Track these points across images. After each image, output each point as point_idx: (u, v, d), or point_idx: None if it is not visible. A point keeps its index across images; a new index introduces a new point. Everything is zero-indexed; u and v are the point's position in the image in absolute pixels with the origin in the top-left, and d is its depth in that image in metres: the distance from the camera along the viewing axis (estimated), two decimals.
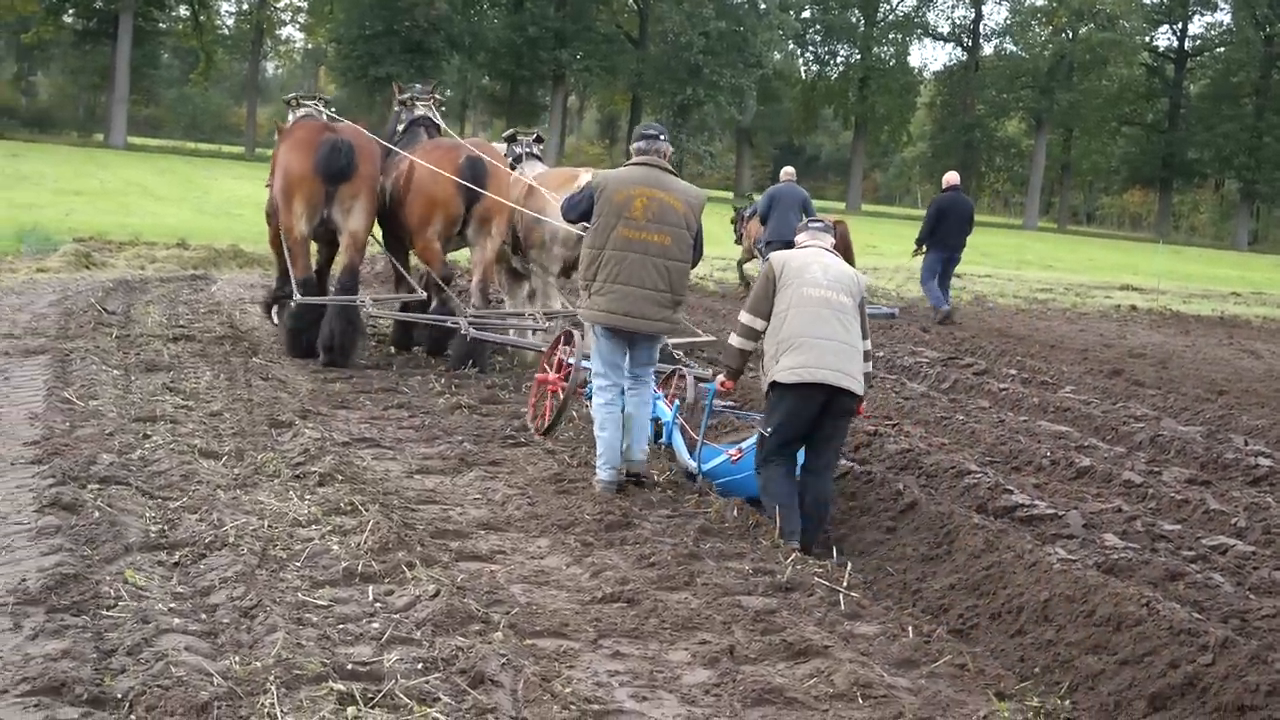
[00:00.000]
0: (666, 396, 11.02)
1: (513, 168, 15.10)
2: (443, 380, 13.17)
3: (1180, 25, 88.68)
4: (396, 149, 14.65)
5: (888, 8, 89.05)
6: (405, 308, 14.77)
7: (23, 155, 48.22)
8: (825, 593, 7.44)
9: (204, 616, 6.35)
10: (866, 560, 8.40)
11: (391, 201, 14.35)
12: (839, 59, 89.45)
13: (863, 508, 9.38)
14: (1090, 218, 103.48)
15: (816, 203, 23.06)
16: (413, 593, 6.81)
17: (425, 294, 14.45)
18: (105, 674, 5.50)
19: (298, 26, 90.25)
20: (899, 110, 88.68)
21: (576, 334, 10.92)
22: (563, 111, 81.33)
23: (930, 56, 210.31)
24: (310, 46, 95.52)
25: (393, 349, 15.19)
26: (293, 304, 13.96)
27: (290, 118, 15.49)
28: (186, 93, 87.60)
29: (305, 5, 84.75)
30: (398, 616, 6.51)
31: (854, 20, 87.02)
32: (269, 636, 6.01)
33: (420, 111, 15.48)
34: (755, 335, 9.12)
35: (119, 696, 5.28)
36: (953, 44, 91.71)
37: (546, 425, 10.99)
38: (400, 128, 15.43)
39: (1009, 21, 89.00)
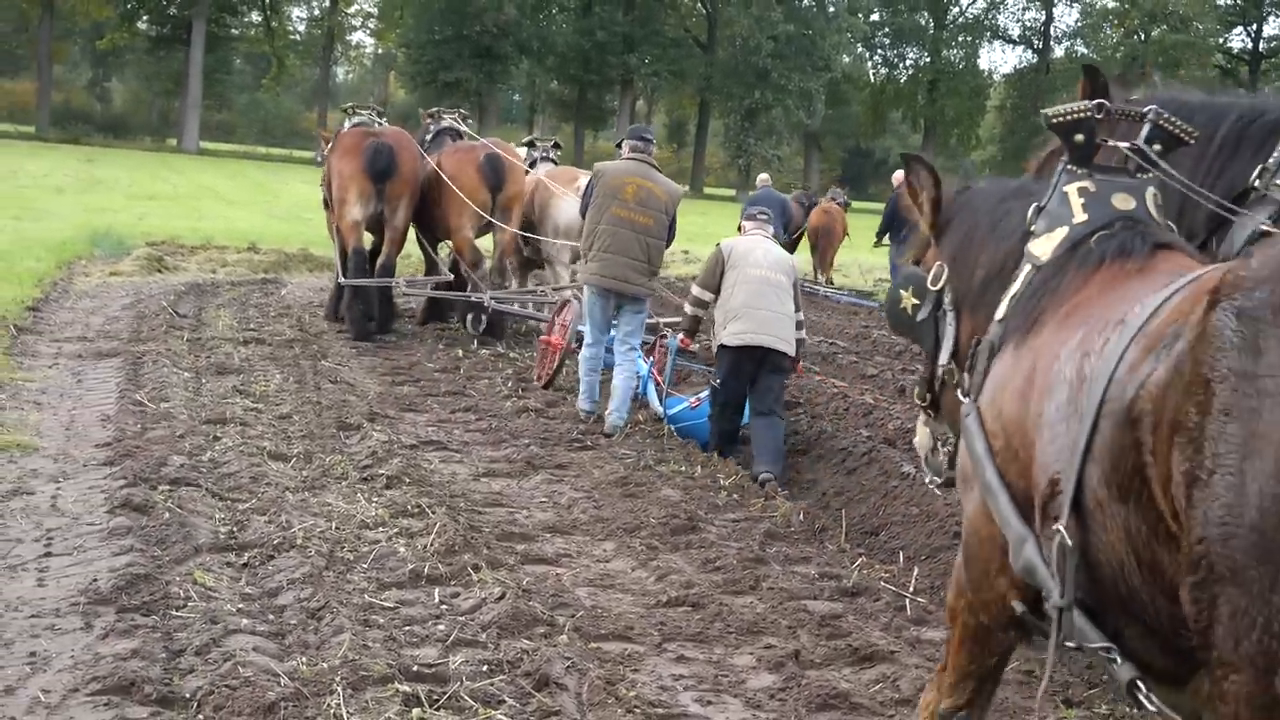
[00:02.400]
0: (644, 356, 12.75)
1: (530, 169, 17.20)
2: (510, 384, 13.21)
3: (1255, 27, 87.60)
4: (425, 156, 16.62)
5: (957, 10, 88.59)
6: (436, 287, 17.05)
7: (97, 160, 48.78)
8: (891, 597, 7.40)
9: (271, 617, 6.39)
10: (933, 565, 8.34)
11: (425, 197, 16.43)
12: (908, 62, 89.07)
13: (929, 513, 9.32)
14: None
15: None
16: (478, 595, 6.82)
17: (452, 275, 16.87)
18: (174, 674, 5.55)
19: (368, 32, 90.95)
20: (968, 113, 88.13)
21: (573, 303, 13.02)
22: (630, 116, 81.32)
23: (1000, 59, 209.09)
24: (380, 52, 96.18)
25: (420, 324, 17.28)
26: (339, 284, 16.32)
27: (346, 124, 17.21)
28: (258, 98, 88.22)
29: (375, 11, 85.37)
30: (463, 619, 6.52)
31: (923, 23, 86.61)
32: (335, 638, 6.04)
33: (447, 122, 17.71)
34: (704, 305, 11.41)
35: (187, 696, 5.33)
36: (1023, 46, 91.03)
37: (548, 379, 13.18)
38: (429, 136, 17.44)
39: (1080, 24, 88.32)
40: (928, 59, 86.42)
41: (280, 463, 9.36)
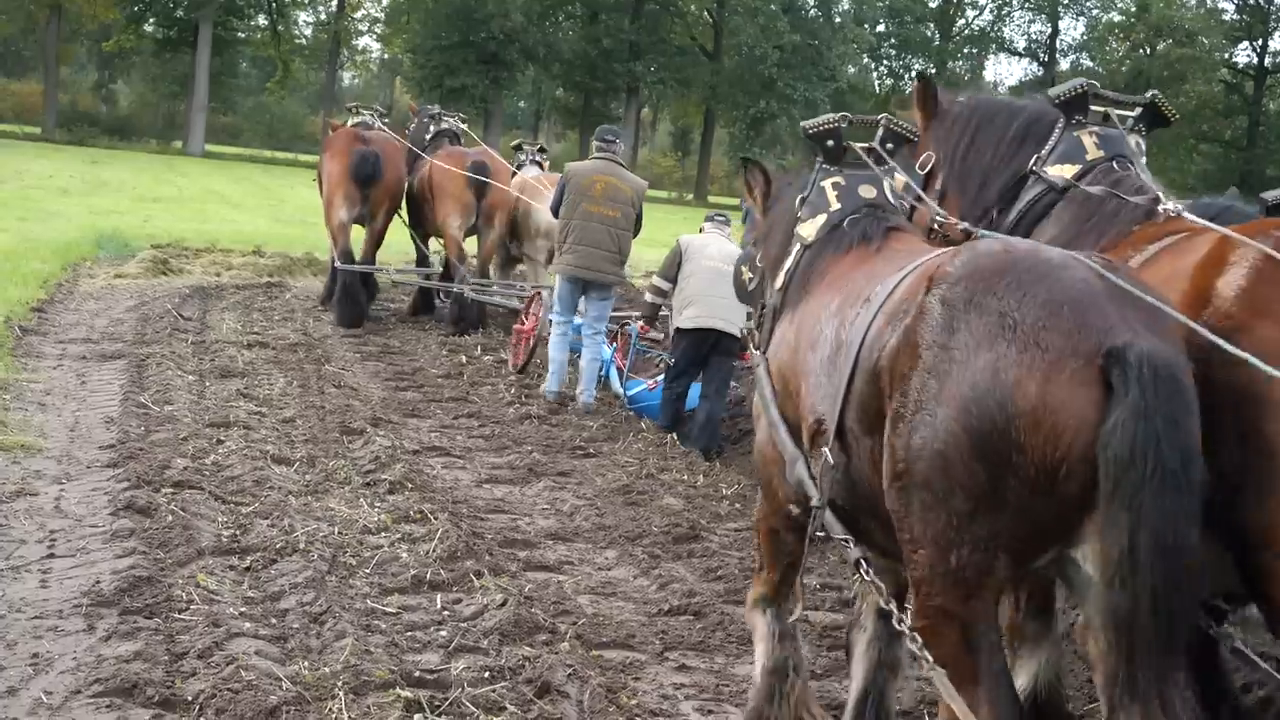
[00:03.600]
0: (608, 343, 13.88)
1: (515, 171, 18.24)
2: (513, 390, 13.22)
3: (1260, 42, 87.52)
4: (422, 154, 18.00)
5: (963, 22, 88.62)
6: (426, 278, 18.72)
7: (103, 162, 48.78)
8: None
9: (274, 621, 6.41)
10: None
11: (418, 195, 17.84)
12: (914, 73, 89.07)
13: None
14: None
15: None
16: (480, 601, 6.83)
17: (440, 269, 18.30)
18: (176, 676, 5.57)
19: (374, 37, 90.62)
20: None
21: (543, 295, 14.20)
22: (636, 124, 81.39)
23: (1005, 71, 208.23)
24: (386, 57, 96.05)
25: (410, 314, 18.54)
26: (333, 269, 17.54)
27: (349, 122, 18.45)
28: (264, 102, 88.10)
29: (382, 16, 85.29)
30: (465, 625, 6.54)
31: (929, 34, 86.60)
32: (338, 642, 6.06)
33: (447, 124, 18.74)
34: (662, 293, 12.32)
35: (189, 699, 5.35)
36: (1028, 59, 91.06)
37: (521, 364, 14.28)
38: (428, 136, 18.51)
39: (1086, 37, 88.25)
40: (933, 70, 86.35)
41: (283, 467, 9.38)
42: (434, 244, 19.08)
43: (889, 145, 5.64)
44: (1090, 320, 3.67)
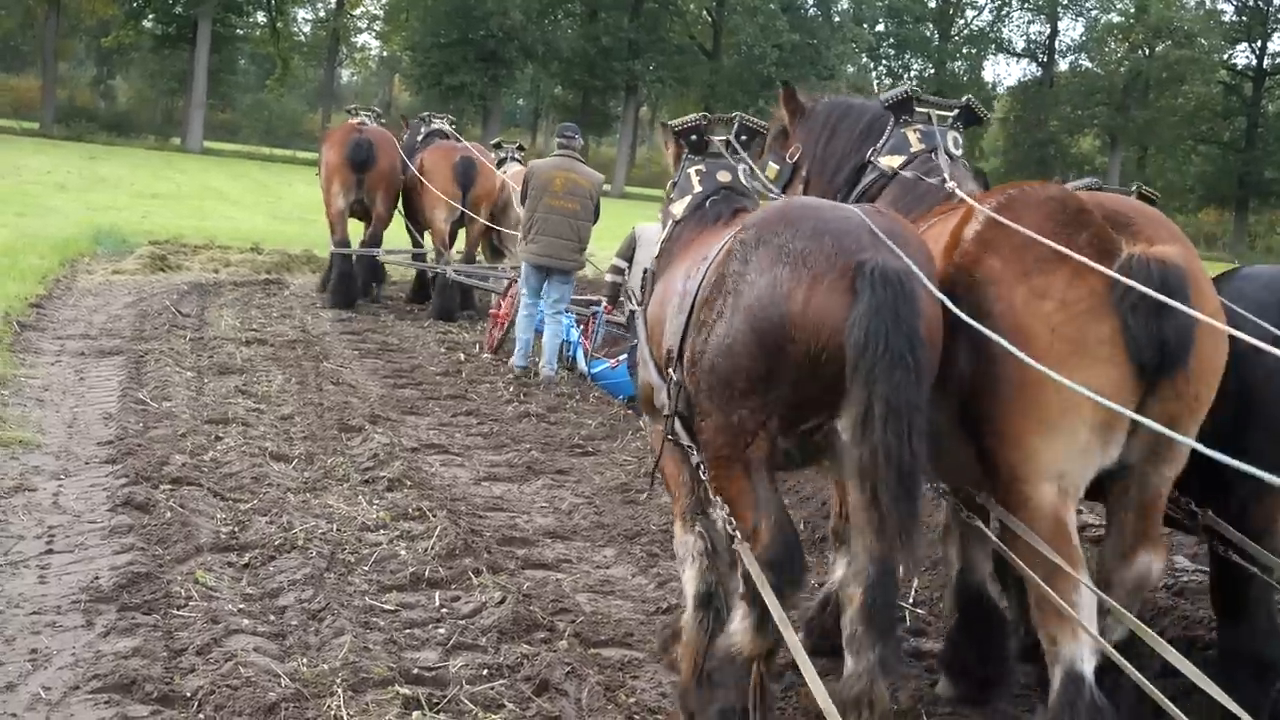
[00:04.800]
0: (576, 326, 14.91)
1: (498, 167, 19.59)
2: (511, 388, 13.22)
3: (1259, 43, 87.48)
4: (410, 158, 19.01)
5: (962, 22, 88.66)
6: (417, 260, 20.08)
7: (101, 158, 48.78)
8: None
9: (272, 618, 6.41)
10: (933, 576, 8.35)
11: (409, 189, 19.06)
12: (912, 73, 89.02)
13: (929, 524, 9.31)
14: None
15: None
16: (479, 599, 6.84)
17: (431, 255, 19.46)
18: (175, 673, 5.57)
19: (373, 34, 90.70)
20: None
21: (518, 283, 14.86)
22: (634, 122, 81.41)
23: (1004, 72, 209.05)
24: (385, 54, 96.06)
25: (409, 302, 19.69)
26: (330, 254, 18.76)
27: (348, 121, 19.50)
28: (263, 98, 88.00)
29: (381, 13, 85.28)
30: (464, 622, 6.54)
31: (928, 34, 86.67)
32: (336, 639, 6.06)
33: (436, 125, 19.91)
34: (620, 271, 13.20)
35: (188, 695, 5.35)
36: (1027, 60, 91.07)
37: (494, 346, 15.44)
38: (420, 137, 19.61)
39: (1085, 38, 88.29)
40: (932, 70, 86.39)
41: (282, 464, 9.38)
42: (429, 241, 19.72)
43: (743, 138, 6.63)
44: (844, 245, 4.83)
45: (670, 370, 5.55)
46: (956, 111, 6.72)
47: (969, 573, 6.16)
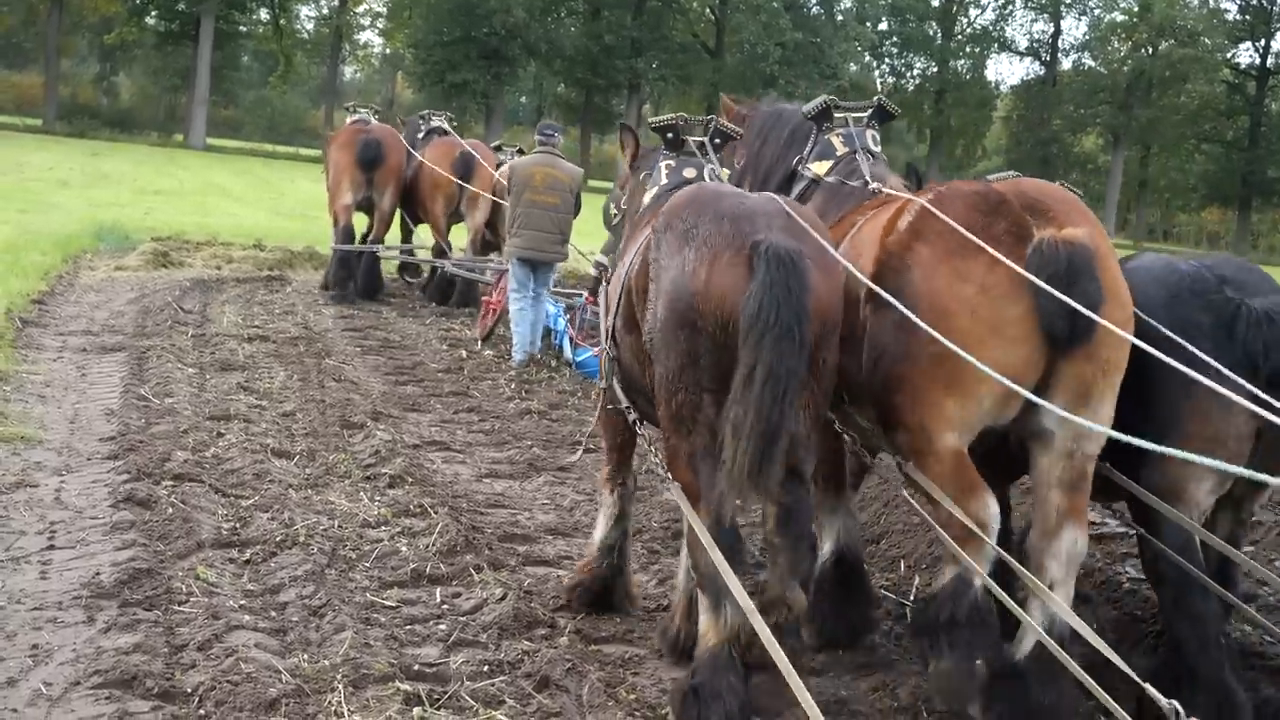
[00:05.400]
0: (563, 315, 15.45)
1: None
2: (513, 385, 13.23)
3: (1263, 42, 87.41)
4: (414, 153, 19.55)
5: (965, 21, 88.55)
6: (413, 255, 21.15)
7: (104, 154, 48.81)
8: (892, 605, 7.43)
9: (273, 614, 6.42)
10: (934, 573, 8.33)
11: (410, 185, 19.47)
12: (915, 71, 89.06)
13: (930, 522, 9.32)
14: (1167, 235, 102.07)
15: None
16: (480, 596, 6.84)
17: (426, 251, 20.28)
18: (175, 669, 5.58)
19: (376, 31, 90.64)
20: (974, 124, 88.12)
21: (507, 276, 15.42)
22: (637, 120, 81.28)
23: (1007, 71, 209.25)
24: (388, 52, 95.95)
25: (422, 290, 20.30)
26: (330, 248, 19.29)
27: (347, 120, 20.12)
28: (265, 95, 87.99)
29: (384, 11, 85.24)
30: (464, 619, 6.55)
31: (931, 33, 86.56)
32: (337, 635, 6.07)
33: (436, 123, 20.37)
34: (604, 266, 12.93)
35: (189, 691, 5.35)
36: (1030, 58, 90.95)
37: (485, 334, 15.87)
38: (420, 134, 20.11)
39: (1088, 37, 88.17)
40: (935, 69, 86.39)
41: (283, 460, 9.38)
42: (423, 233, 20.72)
43: (716, 140, 7.18)
44: (742, 227, 5.42)
45: (607, 345, 6.29)
46: (871, 112, 7.38)
47: (843, 536, 6.83)
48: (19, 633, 5.88)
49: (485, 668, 5.91)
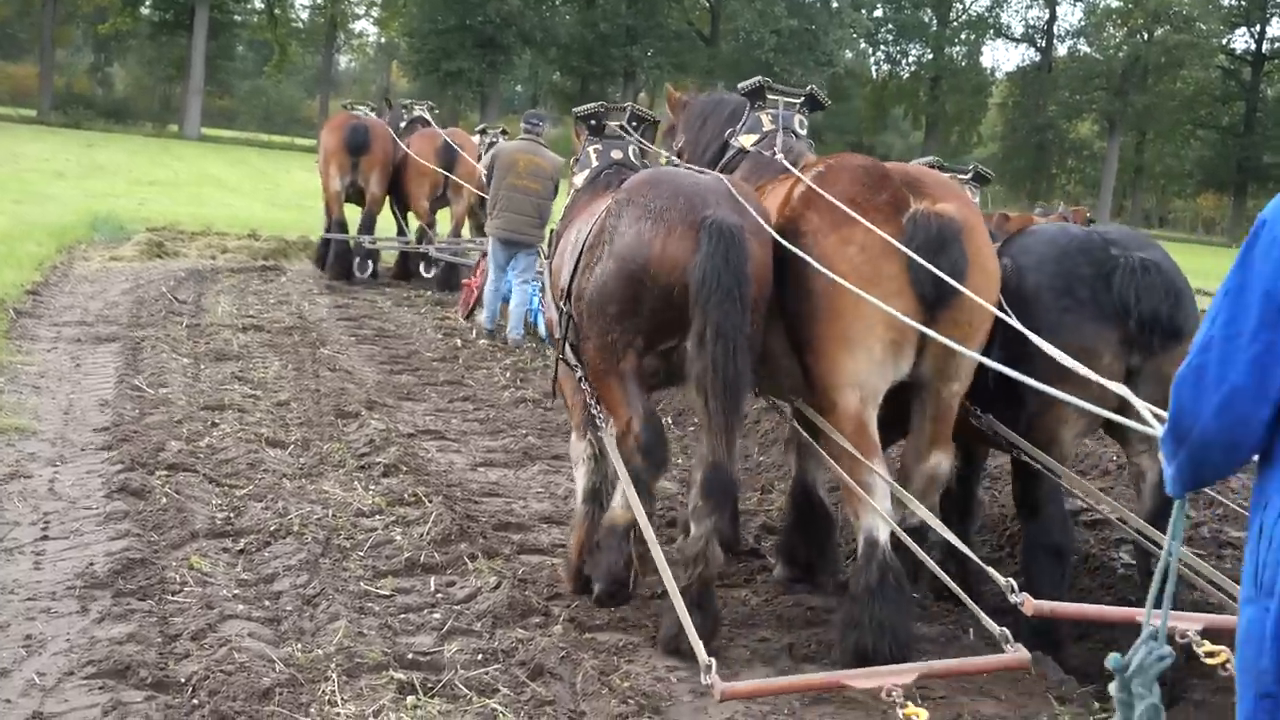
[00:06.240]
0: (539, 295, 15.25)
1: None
2: (508, 374, 13.23)
3: (1258, 28, 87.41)
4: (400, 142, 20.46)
5: (960, 8, 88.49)
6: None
7: (98, 145, 48.76)
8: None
9: (267, 603, 6.42)
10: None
11: (395, 173, 20.34)
12: (910, 58, 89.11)
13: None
14: (1163, 221, 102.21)
15: None
16: (474, 584, 6.85)
17: (412, 237, 20.82)
18: (169, 658, 5.58)
19: (371, 20, 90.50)
20: (970, 110, 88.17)
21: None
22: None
23: (1003, 57, 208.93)
24: (383, 41, 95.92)
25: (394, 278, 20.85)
26: (321, 238, 20.41)
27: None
28: (260, 85, 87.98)
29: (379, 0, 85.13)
30: (459, 608, 6.55)
31: (926, 20, 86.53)
32: (331, 625, 6.07)
33: (418, 113, 21.38)
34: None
35: (182, 681, 5.35)
36: (1026, 45, 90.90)
37: (467, 312, 16.70)
38: (403, 123, 21.14)
39: (1083, 23, 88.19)
40: (930, 56, 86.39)
41: (278, 450, 9.38)
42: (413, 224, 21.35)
43: (634, 123, 7.95)
44: (693, 203, 6.27)
45: (562, 304, 6.93)
46: (803, 99, 8.08)
47: (804, 476, 7.49)
48: (12, 623, 5.88)
49: (479, 656, 5.91)
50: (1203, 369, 3.17)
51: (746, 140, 7.90)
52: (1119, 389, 4.55)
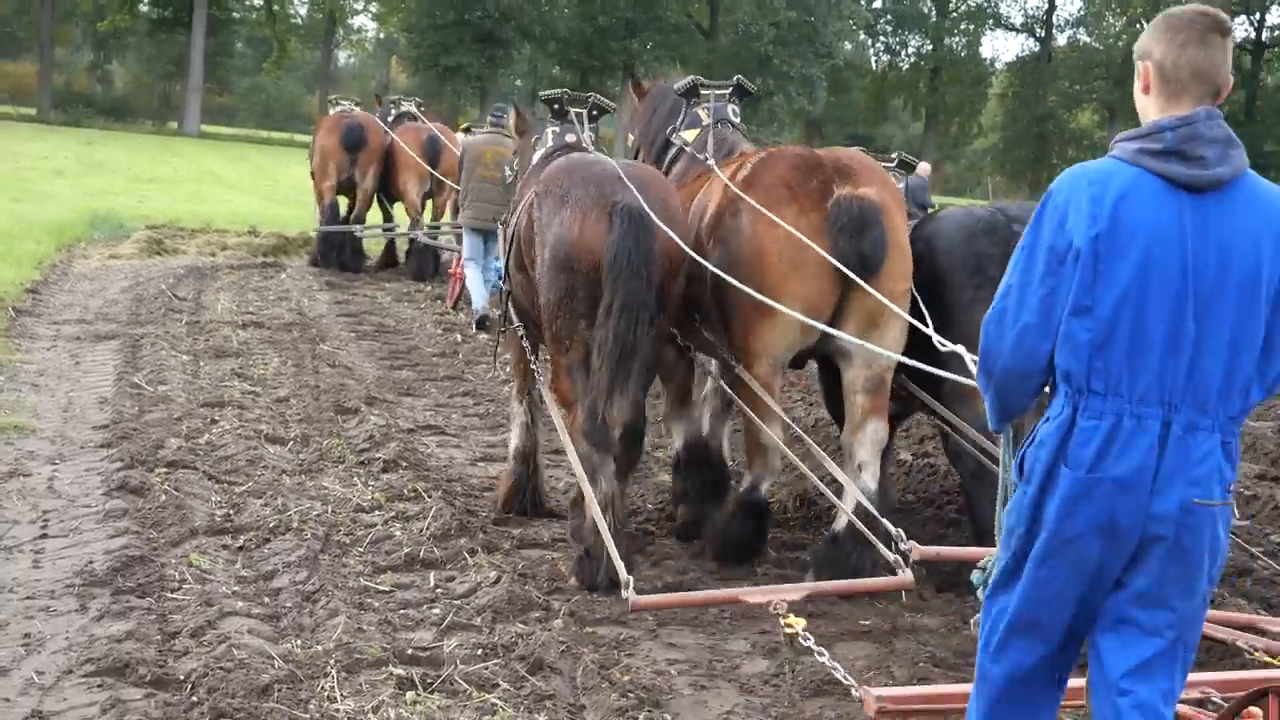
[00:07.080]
0: None
1: None
2: (508, 369, 13.20)
3: (1258, 16, 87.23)
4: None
5: None
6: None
7: (98, 142, 48.76)
8: None
9: (267, 600, 6.42)
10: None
11: (386, 166, 20.98)
12: (910, 49, 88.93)
13: (926, 500, 9.34)
14: None
15: None
16: (474, 579, 6.85)
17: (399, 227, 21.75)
18: (168, 656, 5.58)
19: (369, 16, 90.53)
20: (970, 101, 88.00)
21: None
22: (632, 102, 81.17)
23: (1002, 47, 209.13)
24: (382, 36, 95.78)
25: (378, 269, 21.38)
26: (316, 230, 21.13)
27: (331, 112, 21.94)
28: (259, 81, 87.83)
29: None
30: (458, 603, 6.55)
31: (925, 10, 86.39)
32: (330, 621, 6.07)
33: (405, 108, 22.01)
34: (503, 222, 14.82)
35: (181, 678, 5.35)
36: (1025, 35, 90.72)
37: (454, 300, 17.34)
38: (390, 118, 21.66)
39: (1083, 12, 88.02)
40: (930, 47, 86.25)
41: (277, 446, 9.38)
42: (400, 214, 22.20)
43: (594, 112, 8.63)
44: (604, 190, 6.97)
45: (503, 281, 7.85)
46: (731, 90, 8.79)
47: (709, 436, 8.40)
48: (11, 621, 5.88)
49: (479, 651, 5.91)
50: (1004, 311, 3.82)
51: (689, 135, 8.61)
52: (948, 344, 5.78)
